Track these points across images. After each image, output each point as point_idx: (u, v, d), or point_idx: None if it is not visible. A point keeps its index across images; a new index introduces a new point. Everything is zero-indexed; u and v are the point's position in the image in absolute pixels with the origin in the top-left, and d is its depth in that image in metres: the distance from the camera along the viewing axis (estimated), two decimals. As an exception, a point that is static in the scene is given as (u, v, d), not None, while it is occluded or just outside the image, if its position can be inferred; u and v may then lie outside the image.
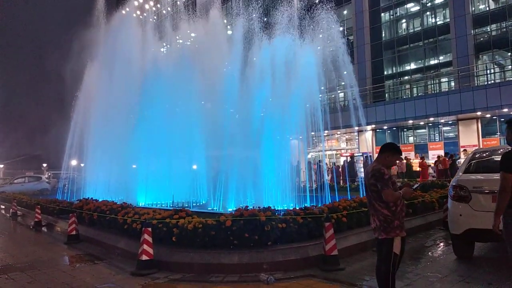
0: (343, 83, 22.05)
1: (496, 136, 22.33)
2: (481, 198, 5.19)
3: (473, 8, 24.37)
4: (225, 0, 40.45)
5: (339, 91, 26.99)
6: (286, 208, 8.29)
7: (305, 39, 13.45)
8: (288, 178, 11.24)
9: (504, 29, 23.70)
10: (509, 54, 23.57)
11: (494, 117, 23.11)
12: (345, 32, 31.40)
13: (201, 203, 12.32)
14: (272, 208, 6.45)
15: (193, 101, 13.04)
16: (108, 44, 15.27)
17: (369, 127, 27.87)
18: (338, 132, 29.41)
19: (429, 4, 27.52)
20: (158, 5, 47.76)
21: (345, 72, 14.42)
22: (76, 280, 5.35)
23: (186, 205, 11.26)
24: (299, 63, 12.05)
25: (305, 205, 7.93)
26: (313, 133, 13.42)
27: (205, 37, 14.60)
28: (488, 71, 24.51)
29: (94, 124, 14.70)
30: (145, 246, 5.38)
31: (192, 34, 15.95)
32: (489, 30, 24.23)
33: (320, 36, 14.51)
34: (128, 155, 13.58)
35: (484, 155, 6.24)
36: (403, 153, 24.36)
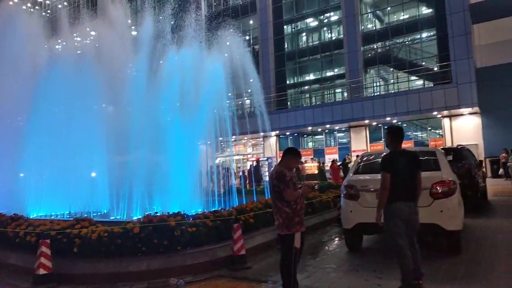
0: (249, 90, 22.88)
1: (381, 141, 25.31)
2: (367, 195, 5.94)
3: (363, 27, 27.35)
4: None
5: (245, 98, 27.89)
6: (196, 213, 8.35)
7: (213, 46, 13.67)
8: (197, 183, 11.27)
9: (388, 47, 27.05)
10: (391, 69, 26.94)
11: (379, 125, 26.21)
12: (251, 42, 32.59)
13: (102, 213, 11.64)
14: (182, 213, 6.49)
15: (92, 103, 12.27)
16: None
17: (273, 133, 29.27)
18: (245, 138, 30.31)
19: (326, 20, 30.10)
20: (53, -1, 43.78)
21: (251, 80, 15.00)
22: (-44, 303, 4.73)
23: (86, 215, 10.56)
24: (206, 69, 12.20)
25: (214, 208, 8.11)
26: (221, 138, 13.69)
27: (107, 36, 13.83)
28: (375, 84, 27.70)
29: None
30: (42, 260, 4.99)
31: (92, 32, 15.02)
32: (375, 47, 27.40)
33: (228, 43, 14.90)
34: (15, 163, 12.18)
35: (370, 158, 7.13)
36: (303, 157, 26.09)
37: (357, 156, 8.16)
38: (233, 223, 5.83)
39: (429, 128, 25.58)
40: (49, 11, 41.62)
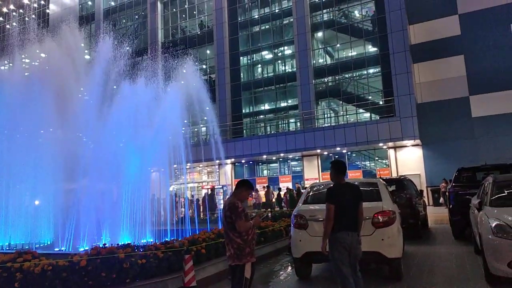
0: (205, 118, 23.06)
1: (332, 170, 26.16)
2: (315, 225, 6.21)
3: (314, 61, 28.78)
4: (83, 23, 38.27)
5: (201, 126, 28.00)
6: (147, 243, 8.18)
7: (169, 74, 13.78)
8: (149, 212, 11.04)
9: (337, 81, 28.57)
10: (341, 102, 28.37)
11: (330, 155, 27.27)
12: (208, 71, 33.08)
13: (45, 244, 11.02)
14: (133, 244, 6.38)
15: (38, 127, 11.77)
16: None
17: (228, 161, 29.44)
18: (200, 165, 30.19)
19: (280, 54, 31.37)
20: (1, 18, 42.02)
21: (207, 108, 15.18)
22: None
23: (27, 247, 9.96)
24: (162, 96, 12.22)
25: (166, 239, 8.01)
26: (175, 165, 13.59)
27: (57, 58, 13.44)
28: (325, 116, 28.96)
29: None
30: (-22, 297, 4.69)
31: (42, 54, 14.58)
32: (326, 80, 28.85)
33: (184, 71, 15.08)
34: None
35: (320, 188, 7.47)
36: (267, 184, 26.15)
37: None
38: (184, 254, 5.83)
39: (377, 158, 26.99)
40: (-5, 30, 39.89)
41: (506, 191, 6.54)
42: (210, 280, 6.52)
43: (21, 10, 41.73)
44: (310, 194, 7.12)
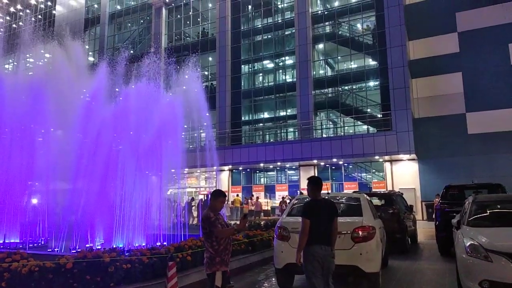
0: (205, 124, 23.31)
1: (328, 181, 26.40)
2: (297, 237, 6.38)
3: (314, 73, 29.08)
4: (87, 25, 38.75)
5: (200, 131, 28.28)
6: (137, 247, 8.34)
7: (171, 79, 14.01)
8: (143, 216, 11.18)
9: (336, 93, 28.83)
10: (339, 114, 28.61)
11: (326, 165, 27.46)
12: (209, 77, 33.43)
13: (39, 244, 11.20)
14: (120, 248, 6.57)
15: (38, 126, 11.96)
16: None
17: (226, 168, 29.64)
18: (198, 171, 30.39)
19: (281, 64, 31.70)
20: (8, 18, 42.55)
21: (207, 114, 15.37)
22: None
23: (21, 247, 10.15)
24: (163, 101, 12.41)
25: (158, 243, 8.17)
26: (173, 170, 13.75)
27: (61, 60, 13.66)
28: (323, 126, 29.18)
29: None
30: (-34, 295, 4.89)
31: (46, 55, 14.86)
32: (325, 92, 29.11)
33: (186, 77, 15.33)
34: None
35: (304, 201, 7.67)
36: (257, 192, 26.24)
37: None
38: (168, 261, 6.01)
39: (373, 171, 27.15)
40: (1, 29, 40.37)
41: (484, 212, 6.73)
42: (194, 287, 6.69)
43: (28, 11, 42.31)
44: (295, 206, 7.31)
